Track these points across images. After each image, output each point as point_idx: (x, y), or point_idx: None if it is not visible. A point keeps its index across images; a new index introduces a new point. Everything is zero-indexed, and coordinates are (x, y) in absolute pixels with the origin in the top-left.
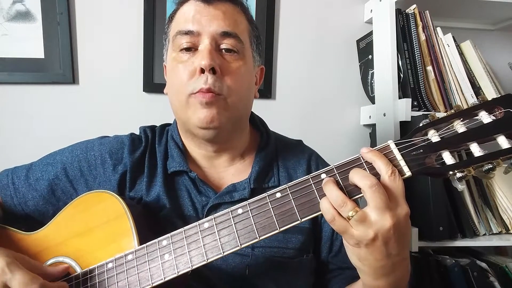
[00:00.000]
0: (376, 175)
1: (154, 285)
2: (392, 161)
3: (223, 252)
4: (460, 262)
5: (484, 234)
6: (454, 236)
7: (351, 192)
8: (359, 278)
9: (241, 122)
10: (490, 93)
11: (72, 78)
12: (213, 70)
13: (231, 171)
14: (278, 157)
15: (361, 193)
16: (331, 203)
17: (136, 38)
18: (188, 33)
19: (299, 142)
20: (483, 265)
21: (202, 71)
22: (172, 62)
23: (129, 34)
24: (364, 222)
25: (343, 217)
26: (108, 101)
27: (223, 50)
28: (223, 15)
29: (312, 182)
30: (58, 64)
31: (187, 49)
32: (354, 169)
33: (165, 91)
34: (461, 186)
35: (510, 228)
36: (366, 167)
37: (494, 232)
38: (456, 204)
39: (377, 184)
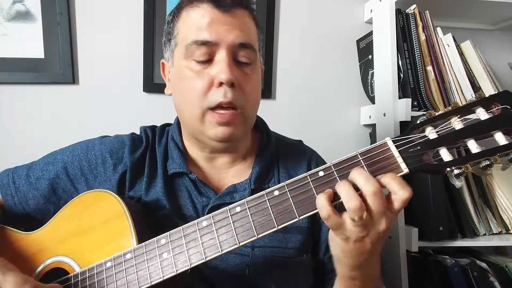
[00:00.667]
0: (374, 172)
1: (153, 283)
2: (389, 158)
3: (221, 251)
4: (460, 262)
5: (484, 234)
6: (454, 236)
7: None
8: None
9: (250, 128)
10: (490, 93)
11: (72, 78)
12: (231, 84)
13: (231, 172)
14: (278, 158)
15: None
16: (327, 199)
17: (136, 38)
18: (205, 43)
19: (300, 142)
20: (483, 265)
21: (220, 84)
22: (183, 70)
23: (129, 34)
24: (365, 223)
25: (338, 215)
26: (108, 101)
27: (240, 62)
28: (240, 24)
29: (310, 180)
30: (58, 64)
31: (204, 61)
32: (357, 171)
33: (166, 92)
34: (458, 183)
35: (510, 228)
36: (363, 164)
37: (494, 232)
38: (456, 204)
39: (380, 191)
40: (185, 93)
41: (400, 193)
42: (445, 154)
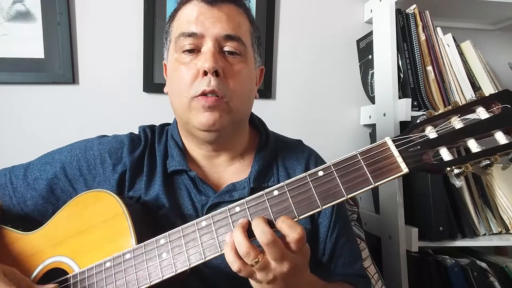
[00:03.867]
0: (374, 172)
1: (152, 284)
2: (389, 158)
3: (220, 251)
4: (460, 262)
5: (484, 234)
6: (454, 236)
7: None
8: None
9: (242, 123)
10: (490, 93)
11: (72, 78)
12: (216, 73)
13: (230, 171)
14: (277, 157)
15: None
16: (236, 254)
17: (136, 38)
18: (191, 35)
19: (299, 142)
20: (483, 265)
21: (205, 73)
22: (174, 63)
23: (129, 34)
24: (265, 269)
25: (248, 265)
26: (108, 101)
27: (226, 53)
28: (227, 17)
29: (309, 180)
30: (58, 64)
31: (190, 51)
32: (255, 221)
33: (165, 90)
34: (458, 183)
35: (510, 228)
36: (363, 164)
37: (494, 232)
38: (456, 204)
39: (273, 241)
40: (175, 84)
41: (291, 236)
42: (445, 154)
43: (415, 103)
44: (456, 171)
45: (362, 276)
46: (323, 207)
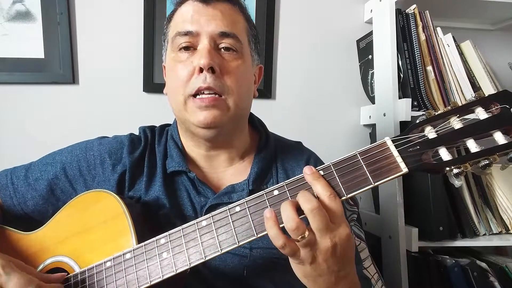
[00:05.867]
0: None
1: (152, 283)
2: (388, 157)
3: (220, 250)
4: (460, 262)
5: (484, 234)
6: (454, 236)
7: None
8: None
9: (241, 121)
10: (490, 93)
11: (72, 78)
12: (212, 70)
13: (230, 172)
14: (277, 159)
15: None
16: (279, 229)
17: (136, 38)
18: (187, 33)
19: (298, 143)
20: (483, 265)
21: (201, 70)
22: (171, 62)
23: (129, 34)
24: (309, 245)
25: (293, 241)
26: (108, 101)
27: (222, 49)
28: (222, 15)
29: None
30: (58, 64)
31: (186, 48)
32: (301, 192)
33: (164, 91)
34: (458, 182)
35: (510, 228)
36: (363, 164)
37: (494, 232)
38: (456, 204)
39: (318, 207)
40: (172, 82)
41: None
42: (444, 154)
43: (415, 103)
44: (455, 171)
45: (364, 278)
46: None
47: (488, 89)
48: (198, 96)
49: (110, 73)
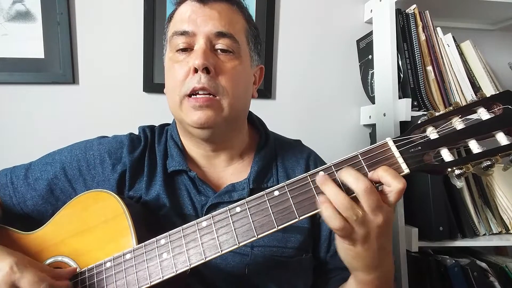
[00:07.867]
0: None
1: (152, 284)
2: (390, 158)
3: (221, 251)
4: (460, 262)
5: (484, 234)
6: (454, 236)
7: (347, 190)
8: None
9: (238, 122)
10: (490, 93)
11: (72, 78)
12: (207, 70)
13: (230, 171)
14: (277, 157)
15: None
16: (335, 209)
17: (136, 38)
18: (183, 33)
19: (298, 142)
20: (483, 265)
21: (196, 70)
22: (168, 62)
23: (129, 34)
24: (363, 223)
25: (348, 221)
26: (108, 101)
27: (218, 50)
28: (219, 15)
29: (310, 180)
30: (58, 64)
31: (183, 50)
32: (346, 170)
33: (164, 91)
34: (459, 183)
35: (510, 228)
36: (364, 164)
37: (494, 232)
38: (456, 204)
39: (371, 187)
40: (169, 83)
41: (394, 185)
42: (446, 155)
43: (415, 103)
44: (457, 171)
45: None
46: None
47: (488, 89)
48: (193, 96)
49: (110, 73)
